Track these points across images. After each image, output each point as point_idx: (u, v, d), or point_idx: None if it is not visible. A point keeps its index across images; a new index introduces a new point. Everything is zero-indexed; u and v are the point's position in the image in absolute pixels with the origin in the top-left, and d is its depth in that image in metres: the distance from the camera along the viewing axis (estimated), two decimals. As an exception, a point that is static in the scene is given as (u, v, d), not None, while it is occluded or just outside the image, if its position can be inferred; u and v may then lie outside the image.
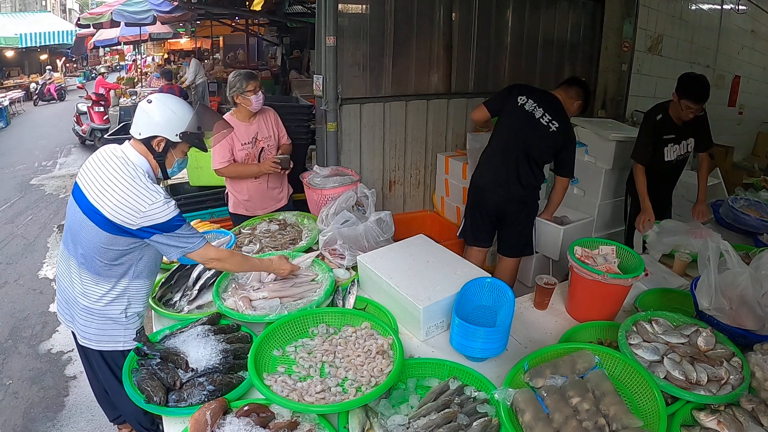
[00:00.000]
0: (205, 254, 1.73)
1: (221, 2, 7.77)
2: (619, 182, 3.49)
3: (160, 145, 1.71)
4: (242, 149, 2.76)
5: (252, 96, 2.68)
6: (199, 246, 1.71)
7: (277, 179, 2.96)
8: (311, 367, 1.51)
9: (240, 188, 2.89)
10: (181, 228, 1.66)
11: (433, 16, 3.95)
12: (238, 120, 2.75)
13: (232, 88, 2.69)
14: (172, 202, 1.65)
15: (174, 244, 1.66)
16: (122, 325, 1.79)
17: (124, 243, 1.66)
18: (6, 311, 3.77)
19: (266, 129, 2.84)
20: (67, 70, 20.81)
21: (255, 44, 13.29)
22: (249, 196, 2.90)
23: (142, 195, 1.60)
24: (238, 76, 2.70)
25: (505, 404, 1.30)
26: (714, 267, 1.64)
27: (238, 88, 2.67)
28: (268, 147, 2.85)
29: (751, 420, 1.29)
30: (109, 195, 1.60)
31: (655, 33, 5.25)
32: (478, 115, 2.91)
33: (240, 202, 2.94)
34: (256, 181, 2.86)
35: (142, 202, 1.59)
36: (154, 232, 1.62)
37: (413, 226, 3.88)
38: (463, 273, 1.84)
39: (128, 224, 1.60)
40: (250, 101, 2.69)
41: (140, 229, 1.61)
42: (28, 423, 2.67)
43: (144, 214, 1.59)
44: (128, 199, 1.59)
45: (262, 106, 2.79)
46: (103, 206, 1.60)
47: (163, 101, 1.71)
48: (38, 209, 6.03)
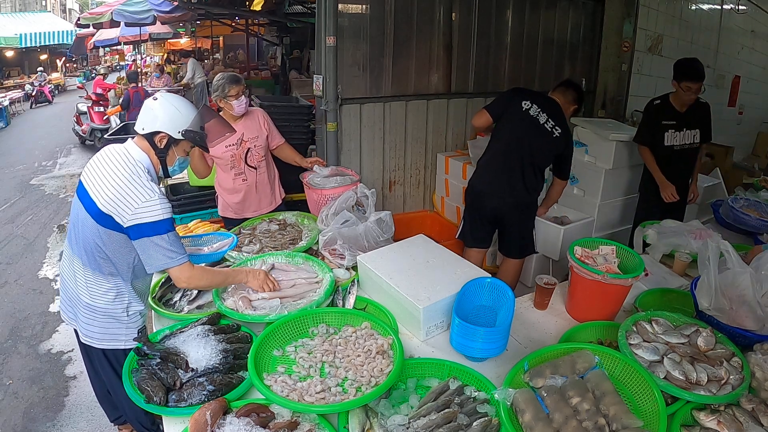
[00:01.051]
0: (183, 273, 1.68)
1: (221, 2, 7.77)
2: (619, 182, 3.49)
3: (162, 142, 1.73)
4: (227, 150, 2.72)
5: (234, 101, 2.62)
6: (179, 263, 1.66)
7: (266, 181, 2.91)
8: (311, 367, 1.51)
9: (227, 190, 2.86)
10: (168, 235, 1.62)
11: (433, 16, 3.95)
12: None
13: (215, 92, 2.64)
14: (167, 205, 1.64)
15: (156, 254, 1.62)
16: (124, 323, 1.80)
17: (119, 239, 1.66)
18: (6, 311, 3.77)
19: (253, 129, 2.79)
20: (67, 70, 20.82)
21: (255, 44, 13.29)
22: (237, 198, 2.86)
23: (137, 191, 1.60)
24: (222, 79, 2.63)
25: (505, 404, 1.30)
26: (714, 267, 1.64)
27: (221, 92, 2.62)
28: (255, 147, 2.80)
29: (751, 420, 1.29)
30: (106, 188, 1.61)
31: (655, 33, 5.25)
32: (480, 120, 2.88)
33: (228, 205, 2.91)
34: (243, 184, 2.83)
35: (136, 197, 1.59)
36: (142, 234, 1.60)
37: (413, 226, 3.88)
38: (463, 273, 1.84)
39: (120, 218, 1.60)
40: (232, 106, 2.64)
41: (130, 228, 1.60)
42: (28, 423, 2.67)
43: (135, 210, 1.58)
44: (123, 193, 1.59)
45: (246, 110, 2.73)
46: (98, 198, 1.61)
47: (168, 99, 1.74)
48: (38, 209, 6.03)
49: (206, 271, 1.81)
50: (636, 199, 3.68)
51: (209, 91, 9.55)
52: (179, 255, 1.66)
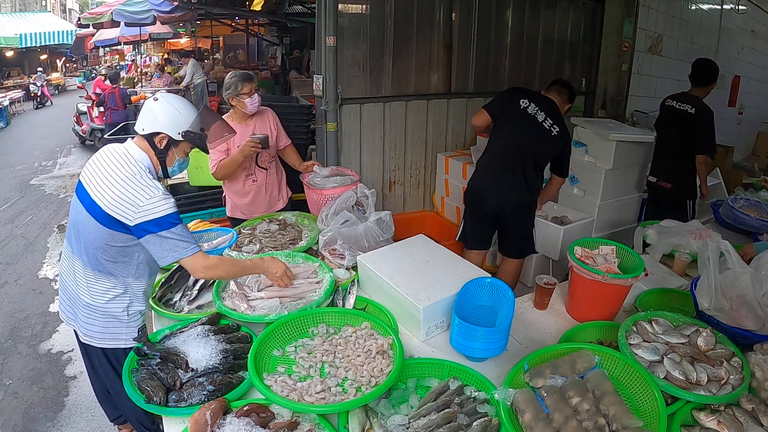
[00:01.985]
0: (197, 262, 1.66)
1: (221, 2, 7.77)
2: (619, 182, 3.49)
3: (162, 142, 1.73)
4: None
5: (247, 99, 2.62)
6: (191, 252, 1.64)
7: (275, 181, 2.91)
8: (311, 367, 1.51)
9: (237, 191, 2.85)
10: (176, 228, 1.62)
11: (433, 16, 3.95)
12: (235, 121, 2.71)
13: (227, 90, 2.64)
14: (171, 200, 1.64)
15: (167, 246, 1.61)
16: (124, 322, 1.80)
17: (124, 239, 1.66)
18: (6, 311, 3.77)
19: (264, 129, 2.79)
20: (68, 70, 20.81)
21: (255, 44, 13.28)
22: (247, 199, 2.86)
23: (140, 189, 1.60)
24: (235, 77, 2.64)
25: (505, 404, 1.30)
26: (714, 267, 1.64)
27: (233, 90, 2.62)
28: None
29: (751, 420, 1.29)
30: (108, 189, 1.61)
31: (655, 33, 5.25)
32: (479, 119, 2.89)
33: (237, 206, 2.91)
34: (254, 185, 2.83)
35: (140, 196, 1.59)
36: (149, 231, 1.59)
37: (413, 226, 3.88)
38: (463, 273, 1.84)
39: (125, 218, 1.59)
40: (245, 104, 2.64)
41: (136, 226, 1.60)
42: (28, 423, 2.67)
43: (141, 208, 1.58)
44: (126, 194, 1.59)
45: (258, 108, 2.73)
46: (102, 200, 1.61)
47: (169, 100, 1.74)
48: (38, 209, 6.03)
49: (223, 259, 1.81)
50: (636, 199, 3.68)
51: (209, 91, 9.57)
52: (191, 245, 1.65)
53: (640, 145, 3.46)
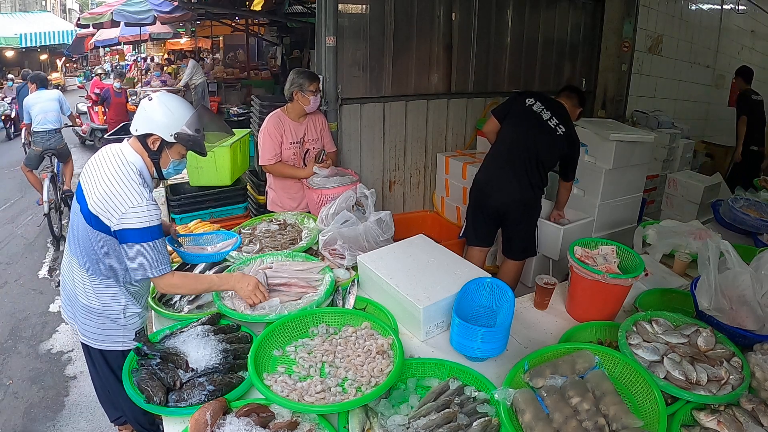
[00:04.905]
0: (163, 280, 1.65)
1: (221, 2, 7.76)
2: (620, 182, 3.49)
3: (155, 144, 1.69)
4: (290, 148, 2.77)
5: (311, 96, 2.69)
6: (162, 272, 1.63)
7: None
8: (311, 367, 1.51)
9: (288, 192, 2.90)
10: (156, 243, 1.59)
11: (433, 16, 3.95)
12: (289, 118, 2.77)
13: (294, 84, 2.69)
14: (156, 212, 1.61)
15: (141, 261, 1.59)
16: (121, 325, 1.79)
17: (112, 241, 1.64)
18: (6, 311, 3.77)
19: (314, 131, 2.85)
20: (68, 70, 20.80)
21: (255, 44, 13.29)
22: (295, 203, 2.91)
23: (126, 194, 1.58)
24: (302, 73, 2.70)
25: (505, 404, 1.30)
26: (714, 267, 1.64)
27: (300, 84, 2.68)
28: (314, 150, 2.85)
29: (751, 420, 1.29)
30: (96, 188, 1.60)
31: (655, 33, 5.25)
32: (489, 126, 2.97)
33: (284, 207, 2.92)
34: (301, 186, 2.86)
35: (124, 201, 1.57)
36: (129, 240, 1.57)
37: (413, 226, 3.88)
38: (463, 273, 1.84)
39: (107, 220, 1.58)
40: (309, 101, 2.70)
41: (118, 232, 1.58)
42: (28, 423, 2.67)
43: (123, 215, 1.56)
44: (111, 195, 1.58)
45: (317, 107, 2.80)
46: (89, 197, 1.61)
47: (163, 100, 1.69)
48: (38, 209, 6.00)
49: (187, 277, 1.77)
50: (636, 199, 3.68)
51: (210, 91, 9.57)
52: (162, 265, 1.63)
53: (640, 145, 3.46)
